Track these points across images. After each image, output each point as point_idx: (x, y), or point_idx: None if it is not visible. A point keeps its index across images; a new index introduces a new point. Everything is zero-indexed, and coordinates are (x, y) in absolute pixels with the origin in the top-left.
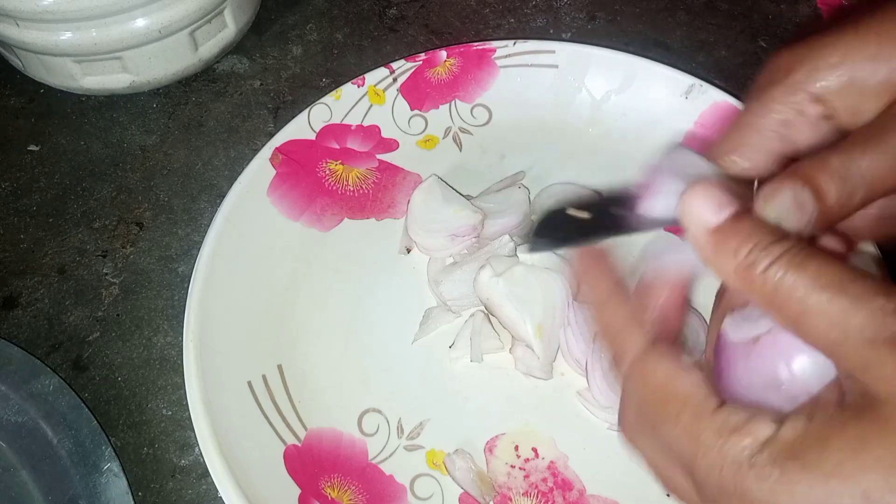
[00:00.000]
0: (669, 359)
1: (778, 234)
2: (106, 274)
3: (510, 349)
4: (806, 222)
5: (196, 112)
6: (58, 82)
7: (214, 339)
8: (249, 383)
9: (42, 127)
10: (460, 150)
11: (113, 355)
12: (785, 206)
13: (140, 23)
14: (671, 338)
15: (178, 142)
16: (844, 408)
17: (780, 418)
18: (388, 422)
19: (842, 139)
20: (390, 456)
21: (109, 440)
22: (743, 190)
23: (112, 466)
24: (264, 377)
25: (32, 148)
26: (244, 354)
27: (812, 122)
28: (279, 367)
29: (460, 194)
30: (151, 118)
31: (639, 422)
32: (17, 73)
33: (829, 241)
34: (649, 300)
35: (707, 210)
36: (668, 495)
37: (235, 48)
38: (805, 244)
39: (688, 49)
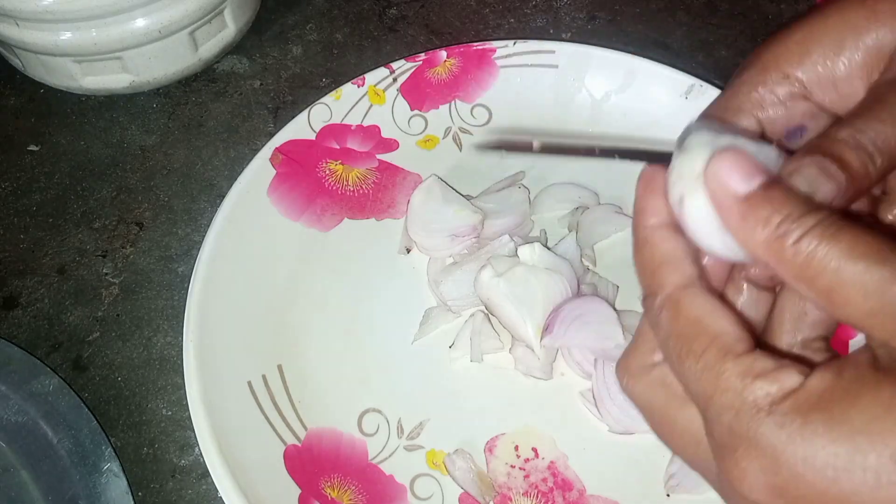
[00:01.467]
0: (707, 297)
1: (810, 204)
2: (106, 274)
3: (510, 349)
4: (838, 191)
5: (196, 112)
6: (58, 82)
7: (214, 339)
8: (249, 383)
9: (42, 127)
10: (460, 150)
11: (113, 355)
12: (813, 174)
13: (140, 23)
14: (718, 276)
15: (178, 142)
16: (878, 369)
17: (807, 371)
18: (388, 422)
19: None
20: (390, 456)
21: (109, 440)
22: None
23: (112, 466)
24: (264, 377)
25: (32, 148)
26: (244, 354)
27: (780, 102)
28: (279, 367)
29: (460, 194)
30: (151, 118)
31: (641, 371)
32: (17, 73)
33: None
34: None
35: (736, 177)
36: (668, 490)
37: (235, 48)
38: (838, 214)
39: (688, 49)
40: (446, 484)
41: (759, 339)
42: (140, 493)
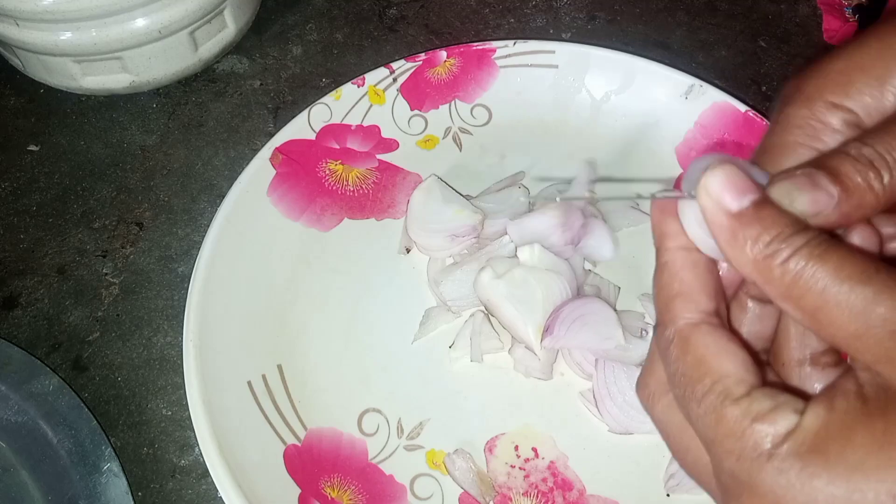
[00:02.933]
0: (718, 335)
1: (800, 224)
2: (106, 274)
3: (510, 350)
4: (825, 204)
5: (196, 112)
6: (58, 82)
7: (214, 339)
8: (249, 383)
9: (42, 127)
10: (460, 150)
11: (113, 355)
12: (794, 185)
13: (140, 23)
14: (731, 307)
15: (178, 142)
16: (866, 400)
17: (802, 408)
18: (388, 422)
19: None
20: (390, 456)
21: (109, 440)
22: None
23: (112, 466)
24: (264, 377)
25: (32, 148)
26: (244, 354)
27: (837, 130)
28: (279, 367)
29: (460, 194)
30: (151, 118)
31: (659, 391)
32: (17, 73)
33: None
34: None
35: (729, 194)
36: (668, 490)
37: (235, 48)
38: (828, 236)
39: (688, 49)
40: (446, 484)
41: (767, 365)
42: (140, 493)
